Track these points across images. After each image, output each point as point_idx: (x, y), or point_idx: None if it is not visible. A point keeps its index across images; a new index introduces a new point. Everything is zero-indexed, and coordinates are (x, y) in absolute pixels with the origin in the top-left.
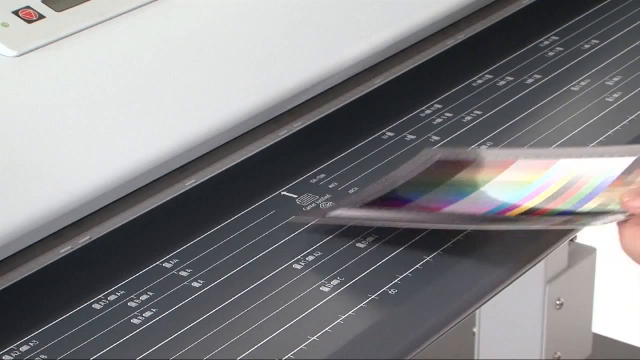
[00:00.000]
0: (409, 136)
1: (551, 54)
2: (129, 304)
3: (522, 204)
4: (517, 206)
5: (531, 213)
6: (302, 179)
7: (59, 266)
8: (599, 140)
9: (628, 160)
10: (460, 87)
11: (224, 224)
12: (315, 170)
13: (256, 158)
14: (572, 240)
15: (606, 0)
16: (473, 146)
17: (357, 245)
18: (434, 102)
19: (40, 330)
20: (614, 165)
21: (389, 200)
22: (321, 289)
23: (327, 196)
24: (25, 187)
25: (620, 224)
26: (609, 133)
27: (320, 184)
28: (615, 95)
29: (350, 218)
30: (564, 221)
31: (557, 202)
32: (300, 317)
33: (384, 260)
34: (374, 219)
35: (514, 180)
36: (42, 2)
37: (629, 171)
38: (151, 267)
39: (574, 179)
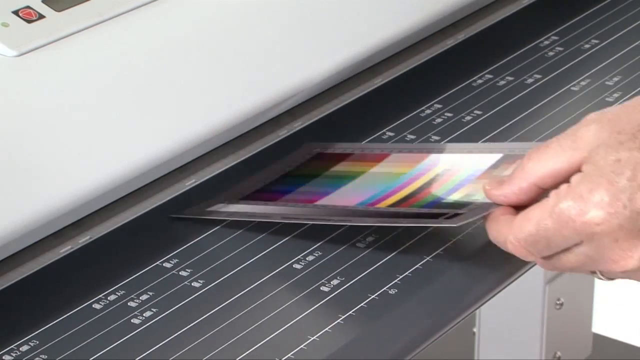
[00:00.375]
0: (409, 136)
1: (551, 53)
2: (129, 304)
3: (392, 194)
4: (388, 196)
5: (400, 204)
6: None
7: (59, 266)
8: None
9: (496, 156)
10: (460, 87)
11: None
12: None
13: (256, 158)
14: None
15: (606, 0)
16: None
17: (357, 245)
18: (434, 101)
19: (40, 330)
20: (482, 160)
21: (266, 193)
22: (321, 288)
23: None
24: (25, 187)
25: (486, 216)
26: None
27: None
28: (615, 95)
29: (228, 213)
30: (429, 215)
31: (425, 192)
32: (300, 317)
33: (384, 260)
34: (251, 214)
35: (387, 172)
36: (42, 2)
37: (495, 166)
38: (151, 267)
39: (444, 172)
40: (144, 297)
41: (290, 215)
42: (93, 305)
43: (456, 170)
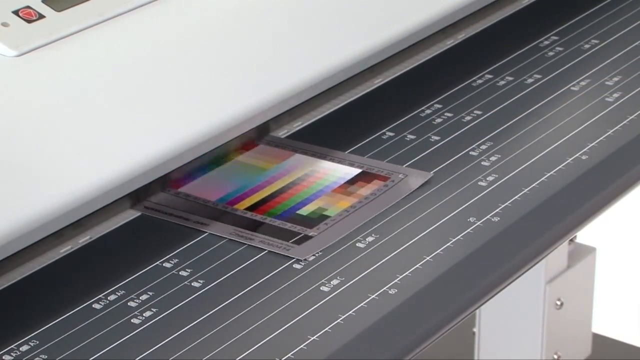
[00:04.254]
0: (409, 136)
1: (551, 53)
2: (128, 304)
3: (252, 193)
4: (247, 195)
5: (257, 208)
6: None
7: (59, 266)
8: (598, 139)
9: (354, 171)
10: (460, 86)
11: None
12: None
13: None
14: (572, 240)
15: (606, 0)
16: (473, 146)
17: (357, 245)
18: (434, 101)
19: (40, 330)
20: (341, 171)
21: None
22: (321, 288)
23: None
24: (25, 187)
25: None
26: (609, 133)
27: None
28: (615, 95)
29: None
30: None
31: (281, 198)
32: (300, 317)
33: (384, 260)
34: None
35: (251, 164)
36: (42, 1)
37: (352, 182)
38: (151, 266)
39: (303, 176)
40: (144, 297)
41: (151, 206)
42: (93, 305)
43: (315, 178)
